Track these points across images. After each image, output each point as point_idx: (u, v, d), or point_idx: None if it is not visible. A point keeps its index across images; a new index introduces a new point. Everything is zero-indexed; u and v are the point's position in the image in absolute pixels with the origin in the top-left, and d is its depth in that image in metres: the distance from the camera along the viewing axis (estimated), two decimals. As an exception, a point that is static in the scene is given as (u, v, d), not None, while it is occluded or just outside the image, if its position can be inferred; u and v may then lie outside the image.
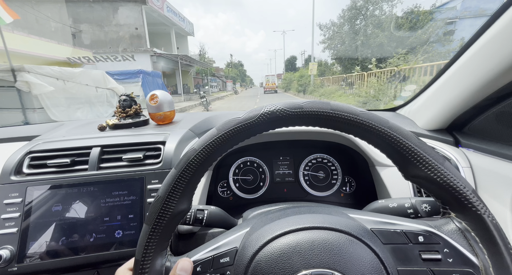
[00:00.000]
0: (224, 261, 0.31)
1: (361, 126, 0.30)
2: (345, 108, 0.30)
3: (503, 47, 0.50)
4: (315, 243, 0.28)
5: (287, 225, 0.31)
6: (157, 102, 0.85)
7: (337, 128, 0.31)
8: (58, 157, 0.62)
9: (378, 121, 0.30)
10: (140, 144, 0.66)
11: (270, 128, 0.32)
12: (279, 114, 0.30)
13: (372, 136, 0.30)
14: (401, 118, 0.91)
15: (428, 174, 0.29)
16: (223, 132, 0.31)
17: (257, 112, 0.31)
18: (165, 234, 0.32)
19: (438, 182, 0.29)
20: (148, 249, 0.31)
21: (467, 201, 0.28)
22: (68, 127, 0.87)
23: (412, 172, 0.30)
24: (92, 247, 0.55)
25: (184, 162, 0.31)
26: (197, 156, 0.31)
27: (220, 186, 0.90)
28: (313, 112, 0.30)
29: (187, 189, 0.32)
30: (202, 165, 0.32)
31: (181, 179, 0.31)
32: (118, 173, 0.60)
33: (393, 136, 0.29)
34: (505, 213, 0.52)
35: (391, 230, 0.31)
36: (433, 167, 0.28)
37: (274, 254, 0.28)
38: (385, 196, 0.68)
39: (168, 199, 0.31)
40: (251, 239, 0.32)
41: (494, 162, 0.59)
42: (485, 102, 0.61)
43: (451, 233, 0.29)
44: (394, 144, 0.30)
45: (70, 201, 0.57)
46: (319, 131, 0.78)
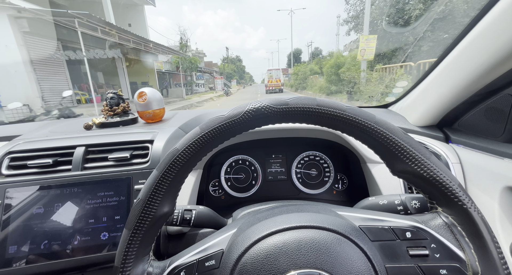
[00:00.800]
0: (209, 264, 0.30)
1: (348, 121, 0.29)
2: (331, 104, 0.30)
3: (490, 44, 0.50)
4: (302, 242, 0.28)
5: (274, 225, 0.30)
6: (146, 99, 0.83)
7: (324, 124, 0.31)
8: (39, 157, 0.59)
9: (364, 116, 0.29)
10: (127, 143, 0.64)
11: (256, 126, 0.31)
12: (264, 111, 0.29)
13: (359, 132, 0.30)
14: (392, 114, 0.91)
15: (415, 169, 0.29)
16: (206, 131, 0.30)
17: (241, 109, 0.30)
18: (146, 238, 0.31)
19: (424, 177, 0.28)
20: (128, 255, 0.30)
21: (453, 195, 0.28)
22: (52, 126, 0.84)
23: (399, 167, 0.30)
24: (76, 250, 0.53)
25: (166, 163, 0.30)
26: (180, 156, 0.30)
27: (211, 185, 0.88)
28: (299, 108, 0.29)
29: (169, 191, 0.31)
30: (185, 166, 0.30)
31: (163, 180, 0.30)
32: (103, 173, 0.58)
33: (379, 131, 0.29)
34: (494, 207, 0.53)
35: (379, 226, 0.30)
36: (419, 161, 0.28)
37: (260, 256, 0.28)
38: (377, 193, 0.68)
39: (149, 202, 0.30)
40: (237, 240, 0.31)
41: (483, 157, 0.60)
42: (474, 98, 0.62)
43: (438, 228, 0.29)
44: (381, 139, 0.29)
45: (52, 203, 0.55)
46: (311, 128, 0.77)
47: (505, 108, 0.56)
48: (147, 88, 0.86)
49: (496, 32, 0.48)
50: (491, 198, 0.54)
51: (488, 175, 0.57)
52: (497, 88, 0.57)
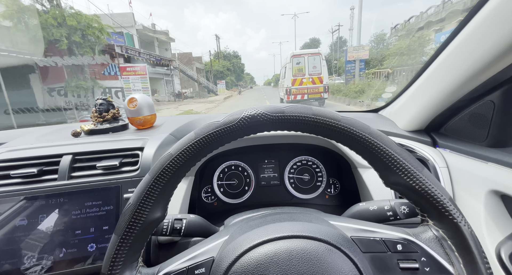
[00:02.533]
0: (199, 273, 0.30)
1: (342, 132, 0.29)
2: (326, 113, 0.30)
3: (472, 52, 0.52)
4: (293, 253, 0.27)
5: (266, 234, 0.30)
6: (136, 105, 0.82)
7: (319, 133, 0.31)
8: (23, 166, 0.57)
9: (359, 127, 0.30)
10: (116, 150, 0.63)
11: (251, 133, 0.31)
12: (260, 118, 0.29)
13: (353, 142, 0.30)
14: (383, 119, 0.93)
15: (407, 181, 0.29)
16: (201, 136, 0.30)
17: (237, 115, 0.30)
18: (135, 245, 0.30)
19: (416, 190, 0.28)
20: (115, 262, 0.29)
21: (444, 209, 0.28)
22: (38, 134, 0.81)
23: (392, 179, 0.30)
24: (62, 263, 0.51)
25: (158, 168, 0.30)
26: (173, 161, 0.29)
27: (204, 192, 0.87)
28: (295, 117, 0.29)
29: (161, 197, 0.30)
30: (178, 171, 0.30)
31: (155, 185, 0.29)
32: (91, 182, 0.57)
33: (373, 142, 0.29)
34: (479, 210, 0.54)
35: (371, 238, 0.30)
36: (412, 174, 0.28)
37: (250, 265, 0.27)
38: (368, 197, 0.69)
39: (140, 207, 0.29)
40: (228, 248, 0.30)
41: (469, 161, 0.62)
42: (458, 104, 0.64)
43: (429, 241, 0.29)
44: (374, 151, 0.29)
45: (37, 215, 0.53)
46: (304, 134, 0.78)
47: (488, 114, 0.58)
48: (138, 93, 0.85)
49: (477, 41, 0.50)
50: (477, 201, 0.55)
51: (474, 179, 0.58)
52: (480, 95, 0.59)
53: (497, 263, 0.47)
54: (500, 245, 0.48)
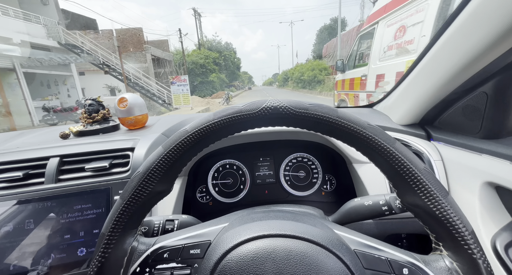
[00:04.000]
0: (194, 253, 0.30)
1: (366, 141, 0.28)
2: (352, 118, 0.28)
3: (461, 44, 0.52)
4: (292, 253, 0.26)
5: (267, 228, 0.29)
6: (127, 105, 0.80)
7: (340, 138, 0.30)
8: (8, 170, 0.55)
9: (385, 139, 0.28)
10: (105, 151, 0.61)
11: (269, 125, 0.30)
12: (281, 111, 0.28)
13: (376, 154, 0.28)
14: (377, 114, 0.93)
15: (428, 205, 0.27)
16: (220, 118, 0.29)
17: (259, 104, 0.29)
18: (138, 212, 0.30)
19: (436, 216, 0.27)
20: (117, 225, 0.29)
21: (464, 241, 0.26)
22: (25, 137, 0.79)
23: (410, 200, 0.28)
24: (51, 269, 0.49)
25: (172, 142, 0.29)
26: (188, 138, 0.29)
27: (198, 191, 0.86)
28: (318, 117, 0.28)
29: (171, 170, 0.30)
30: (191, 149, 0.30)
31: (167, 158, 0.29)
32: (80, 185, 0.55)
33: (398, 158, 0.27)
34: (474, 202, 0.54)
35: (375, 255, 0.29)
36: (434, 198, 0.26)
37: (247, 256, 0.27)
38: (363, 192, 0.68)
39: (148, 177, 0.29)
40: (226, 235, 0.30)
41: (463, 154, 0.61)
42: (451, 97, 0.63)
43: (439, 271, 0.27)
44: (397, 167, 0.27)
45: (23, 220, 0.51)
46: (298, 130, 0.77)
47: (481, 105, 0.58)
48: (128, 93, 0.83)
49: (468, 33, 0.50)
50: (472, 194, 0.55)
51: (468, 171, 0.58)
52: (472, 86, 0.59)
53: (492, 255, 0.47)
54: (495, 237, 0.48)
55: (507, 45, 0.46)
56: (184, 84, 11.00)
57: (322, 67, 22.63)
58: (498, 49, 0.47)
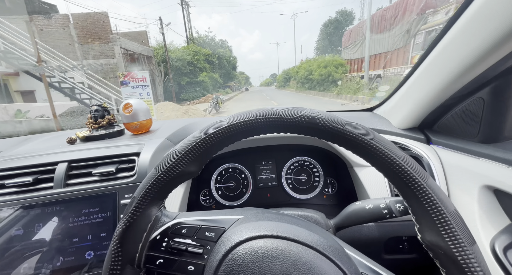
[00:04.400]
0: (208, 235, 0.33)
1: (400, 171, 0.27)
2: (388, 145, 0.28)
3: (460, 50, 0.53)
4: (302, 260, 0.27)
5: (282, 231, 0.30)
6: (131, 111, 0.82)
7: (371, 162, 0.30)
8: (18, 176, 0.57)
9: (420, 174, 0.27)
10: (112, 156, 0.63)
11: (302, 133, 0.31)
12: (318, 123, 0.29)
13: (404, 185, 0.28)
14: (377, 118, 0.94)
15: (451, 249, 0.25)
16: (260, 117, 0.31)
17: (297, 111, 0.30)
18: (167, 186, 0.32)
19: (458, 263, 0.25)
20: (148, 192, 0.31)
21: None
22: (33, 142, 0.81)
23: (432, 239, 0.27)
24: (59, 271, 0.51)
25: (211, 129, 0.31)
26: (226, 128, 0.31)
27: (202, 195, 0.87)
28: (354, 136, 0.28)
29: (203, 155, 0.32)
30: (227, 139, 0.32)
31: (202, 143, 0.31)
32: (87, 190, 0.56)
33: (429, 194, 0.26)
34: (473, 206, 0.55)
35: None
36: (460, 245, 0.25)
37: (258, 251, 0.28)
38: (364, 195, 0.69)
39: (183, 156, 0.31)
40: (241, 227, 0.31)
41: (462, 158, 0.63)
42: (450, 102, 0.65)
43: None
44: (427, 203, 0.26)
45: (33, 224, 0.52)
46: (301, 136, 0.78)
47: (478, 110, 0.59)
48: (133, 99, 0.85)
49: (465, 39, 0.52)
50: (471, 197, 0.56)
51: (467, 175, 0.59)
52: (470, 92, 0.60)
53: (492, 258, 0.48)
54: (494, 239, 0.49)
55: (504, 51, 0.47)
56: (144, 85, 6.65)
57: (337, 63, 17.54)
58: (495, 55, 0.48)
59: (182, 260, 0.32)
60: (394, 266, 0.70)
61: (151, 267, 0.32)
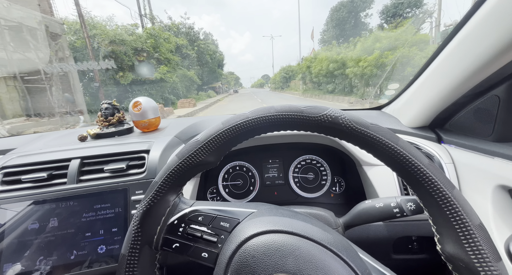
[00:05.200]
0: (223, 225, 0.33)
1: (423, 177, 0.27)
2: (413, 152, 0.28)
3: (475, 47, 0.52)
4: (315, 257, 0.27)
5: (297, 228, 0.30)
6: (141, 109, 0.83)
7: (393, 168, 0.30)
8: (34, 171, 0.59)
9: (445, 183, 0.27)
10: (123, 153, 0.64)
11: (323, 133, 0.31)
12: (341, 122, 0.29)
13: (427, 193, 0.27)
14: (386, 116, 0.93)
15: (474, 263, 0.24)
16: (282, 113, 0.31)
17: (320, 110, 0.30)
18: (187, 173, 0.33)
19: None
20: (169, 177, 0.33)
21: None
22: (46, 139, 0.83)
23: (453, 251, 0.26)
24: (72, 265, 0.52)
25: (233, 122, 0.32)
26: (248, 122, 0.31)
27: (209, 193, 0.88)
28: (376, 139, 0.28)
29: (223, 146, 0.33)
30: (247, 133, 0.32)
31: (223, 134, 0.32)
32: (99, 185, 0.58)
33: (454, 205, 0.25)
34: (487, 206, 0.54)
35: None
36: (484, 261, 0.24)
37: (273, 245, 0.28)
38: (373, 195, 0.69)
39: (205, 146, 0.32)
40: (255, 221, 0.32)
41: (475, 157, 0.61)
42: (462, 100, 0.63)
43: None
44: (451, 215, 0.25)
45: (47, 218, 0.54)
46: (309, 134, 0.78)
47: (493, 108, 0.58)
48: (142, 97, 0.86)
49: (480, 36, 0.50)
50: (484, 197, 0.55)
51: (480, 175, 0.58)
52: (484, 90, 0.58)
53: (507, 258, 0.47)
54: (509, 240, 0.48)
55: None
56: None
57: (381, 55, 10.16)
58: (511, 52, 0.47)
59: (197, 246, 0.33)
60: (403, 266, 0.69)
61: (168, 250, 0.33)
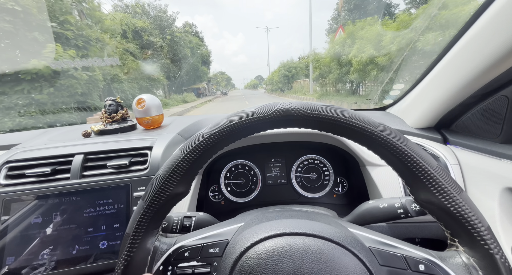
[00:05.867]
0: (213, 251, 0.32)
1: (377, 140, 0.29)
2: (363, 118, 0.29)
3: (483, 47, 0.51)
4: (309, 250, 0.27)
5: (283, 227, 0.30)
6: (144, 106, 0.83)
7: (352, 138, 0.30)
8: (37, 166, 0.59)
9: (396, 137, 0.28)
10: (125, 150, 0.64)
11: (282, 127, 0.31)
12: (294, 113, 0.30)
13: (387, 152, 0.29)
14: (391, 117, 0.92)
15: (442, 202, 0.27)
16: (234, 121, 0.30)
17: (271, 107, 0.30)
18: (159, 213, 0.32)
19: (451, 212, 0.27)
20: (140, 225, 0.31)
21: (480, 237, 0.26)
22: (51, 134, 0.83)
23: (424, 197, 0.28)
24: (74, 260, 0.52)
25: (189, 146, 0.31)
26: (204, 141, 0.31)
27: (211, 191, 0.88)
28: (329, 117, 0.29)
29: (189, 173, 0.32)
30: (207, 151, 0.31)
31: (184, 161, 0.31)
32: (102, 181, 0.58)
33: (410, 155, 0.28)
34: (494, 208, 0.53)
35: (391, 252, 0.29)
36: (448, 195, 0.27)
37: (265, 254, 0.27)
38: (376, 195, 0.68)
39: (168, 179, 0.31)
40: (243, 234, 0.31)
41: (481, 158, 0.60)
42: (470, 100, 0.62)
43: (456, 267, 0.28)
44: (410, 164, 0.28)
45: (50, 212, 0.54)
46: (310, 132, 0.77)
47: (501, 109, 0.56)
48: (146, 94, 0.86)
49: (489, 35, 0.49)
50: (491, 199, 0.54)
51: (487, 176, 0.57)
52: (492, 90, 0.57)
53: None
54: None
55: None
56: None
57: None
58: None
59: None
60: None
61: None
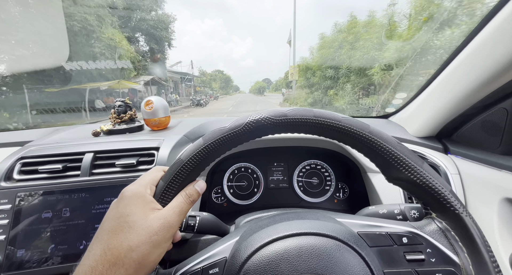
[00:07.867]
0: (213, 272, 0.31)
1: (343, 131, 0.31)
2: (327, 114, 0.32)
3: (484, 59, 0.52)
4: (302, 249, 0.28)
5: (275, 232, 0.31)
6: (152, 108, 0.86)
7: (321, 134, 0.33)
8: (50, 163, 0.62)
9: (359, 126, 0.31)
10: (133, 149, 0.67)
11: (256, 137, 0.33)
12: (264, 123, 0.32)
13: (355, 141, 0.32)
14: (393, 125, 0.93)
15: (409, 176, 0.30)
16: (209, 142, 0.32)
17: (242, 121, 0.32)
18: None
19: (418, 184, 0.30)
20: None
21: (445, 201, 0.29)
22: (62, 133, 0.86)
23: (394, 175, 0.32)
24: (81, 255, 0.54)
25: (171, 173, 0.33)
26: (185, 165, 0.32)
27: (214, 192, 0.89)
28: (297, 120, 0.32)
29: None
30: (189, 176, 0.33)
31: (172, 183, 0.33)
32: (111, 179, 0.60)
33: (373, 140, 0.31)
34: (492, 219, 0.54)
35: (377, 232, 0.31)
36: (412, 169, 0.30)
37: (262, 263, 0.28)
38: (377, 202, 0.69)
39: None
40: (239, 248, 0.32)
41: (481, 169, 0.61)
42: (470, 111, 0.63)
43: (433, 233, 0.30)
44: (375, 148, 0.31)
45: (60, 208, 0.56)
46: (312, 138, 0.79)
47: (500, 121, 0.58)
48: (154, 96, 0.89)
49: (490, 48, 0.51)
50: (490, 210, 0.55)
51: (487, 187, 0.58)
52: (492, 102, 0.59)
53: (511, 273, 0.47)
54: None
55: None
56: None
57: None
58: None
59: None
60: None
61: None
